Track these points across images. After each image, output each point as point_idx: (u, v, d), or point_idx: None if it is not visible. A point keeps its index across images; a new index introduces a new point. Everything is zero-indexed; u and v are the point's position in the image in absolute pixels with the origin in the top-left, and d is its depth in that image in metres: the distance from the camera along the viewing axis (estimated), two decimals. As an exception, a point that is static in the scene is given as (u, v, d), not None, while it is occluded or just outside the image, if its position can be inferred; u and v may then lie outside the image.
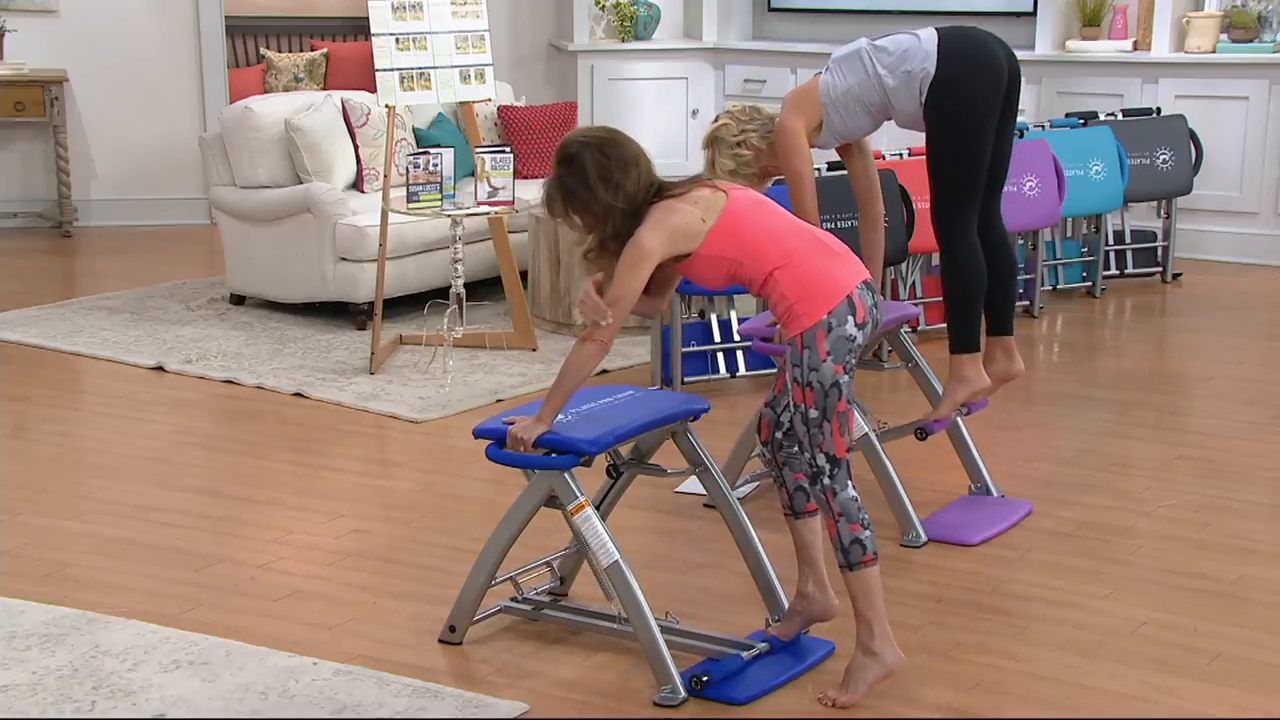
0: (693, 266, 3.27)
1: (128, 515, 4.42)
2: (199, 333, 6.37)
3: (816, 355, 3.19)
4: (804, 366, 3.21)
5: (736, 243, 3.24)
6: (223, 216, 6.83)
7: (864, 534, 3.25)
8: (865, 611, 3.28)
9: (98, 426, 5.29)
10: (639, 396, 3.65)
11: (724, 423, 5.07)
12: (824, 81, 4.14)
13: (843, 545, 3.25)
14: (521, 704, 3.27)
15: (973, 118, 4.03)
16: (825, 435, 3.23)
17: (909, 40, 4.08)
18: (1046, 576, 3.98)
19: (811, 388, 3.20)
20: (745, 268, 3.25)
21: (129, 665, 3.44)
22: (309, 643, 3.57)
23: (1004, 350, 4.19)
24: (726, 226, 3.24)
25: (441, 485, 4.71)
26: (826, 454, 3.23)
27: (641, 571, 3.46)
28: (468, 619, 3.57)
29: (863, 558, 3.25)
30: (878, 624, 3.28)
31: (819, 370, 3.20)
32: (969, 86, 4.03)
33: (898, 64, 4.07)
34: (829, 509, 3.25)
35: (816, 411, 3.21)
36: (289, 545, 4.21)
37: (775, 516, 4.33)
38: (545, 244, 6.30)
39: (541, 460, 3.37)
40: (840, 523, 3.25)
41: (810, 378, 3.20)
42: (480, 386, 5.64)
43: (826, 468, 3.24)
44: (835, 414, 3.22)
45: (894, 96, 4.08)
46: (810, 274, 3.22)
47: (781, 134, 4.11)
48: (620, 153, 3.24)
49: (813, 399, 3.21)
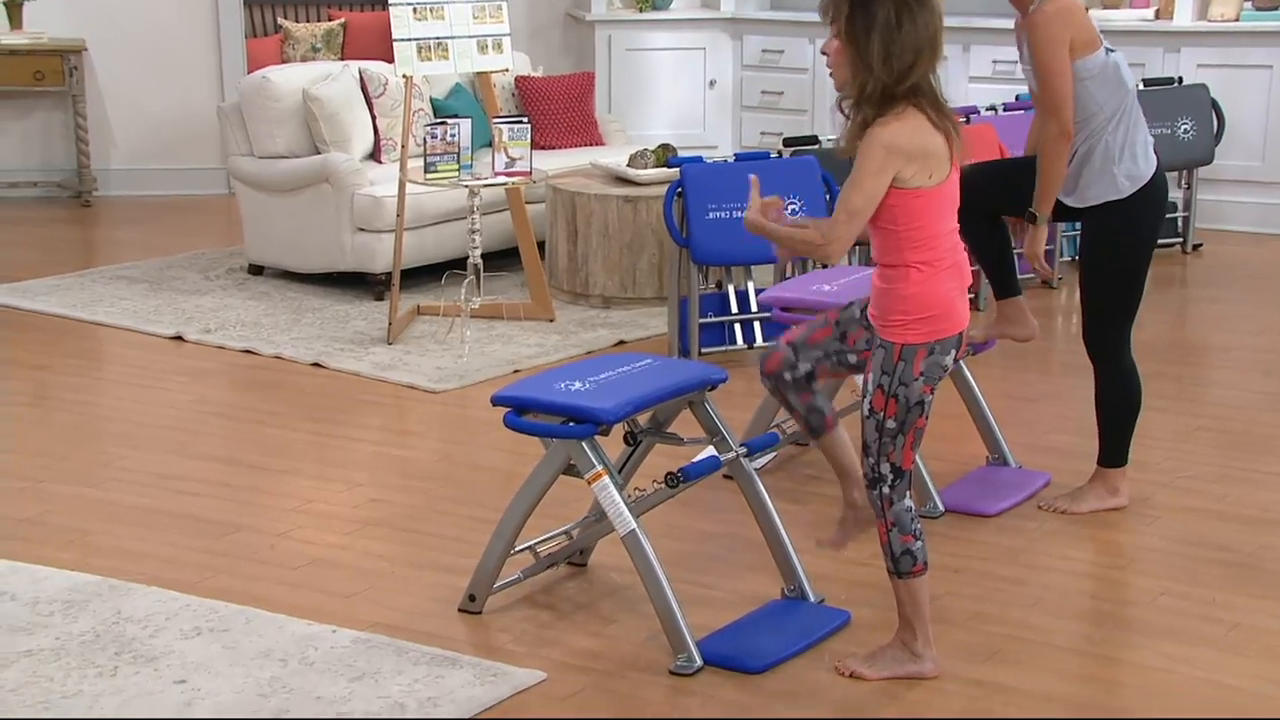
0: None
1: (148, 483, 4.45)
2: (217, 302, 6.39)
3: (910, 371, 3.14)
4: (894, 377, 3.14)
5: (917, 218, 3.06)
6: (241, 186, 6.84)
7: (915, 545, 3.23)
8: (911, 617, 3.27)
9: (118, 395, 5.32)
10: (657, 366, 3.65)
11: (741, 394, 5.07)
12: (1098, 61, 3.98)
13: (893, 554, 3.23)
14: (539, 673, 3.28)
15: (1147, 252, 4.04)
16: (897, 447, 3.18)
17: (1144, 139, 4.01)
18: (1064, 547, 3.98)
19: (896, 400, 3.15)
20: (896, 240, 3.09)
21: (150, 631, 3.47)
22: (328, 611, 3.60)
23: (1016, 310, 4.18)
24: (930, 197, 3.06)
25: (459, 455, 4.72)
26: (893, 464, 3.19)
27: (658, 541, 3.47)
28: (487, 588, 3.58)
29: (913, 568, 3.24)
30: (922, 630, 3.28)
31: (909, 386, 3.15)
32: (1152, 228, 4.04)
33: (1129, 138, 3.99)
34: (882, 516, 3.22)
35: (895, 423, 3.16)
36: (308, 514, 4.23)
37: (793, 487, 4.35)
38: (563, 215, 6.30)
39: (559, 429, 3.38)
40: (893, 532, 3.22)
41: (898, 390, 3.15)
42: (497, 357, 5.64)
43: (889, 476, 3.20)
44: (913, 428, 3.19)
45: (1096, 140, 3.95)
46: (941, 293, 3.12)
47: (1049, 23, 3.86)
48: (918, 26, 2.97)
49: (894, 410, 3.16)
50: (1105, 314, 4.05)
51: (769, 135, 8.40)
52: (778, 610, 3.57)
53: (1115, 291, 4.02)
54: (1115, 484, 4.19)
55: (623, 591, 3.70)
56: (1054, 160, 3.90)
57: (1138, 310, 4.08)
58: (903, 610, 3.28)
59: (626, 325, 6.03)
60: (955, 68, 7.91)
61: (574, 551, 3.78)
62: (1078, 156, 3.98)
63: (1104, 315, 4.05)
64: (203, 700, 3.17)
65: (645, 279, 6.24)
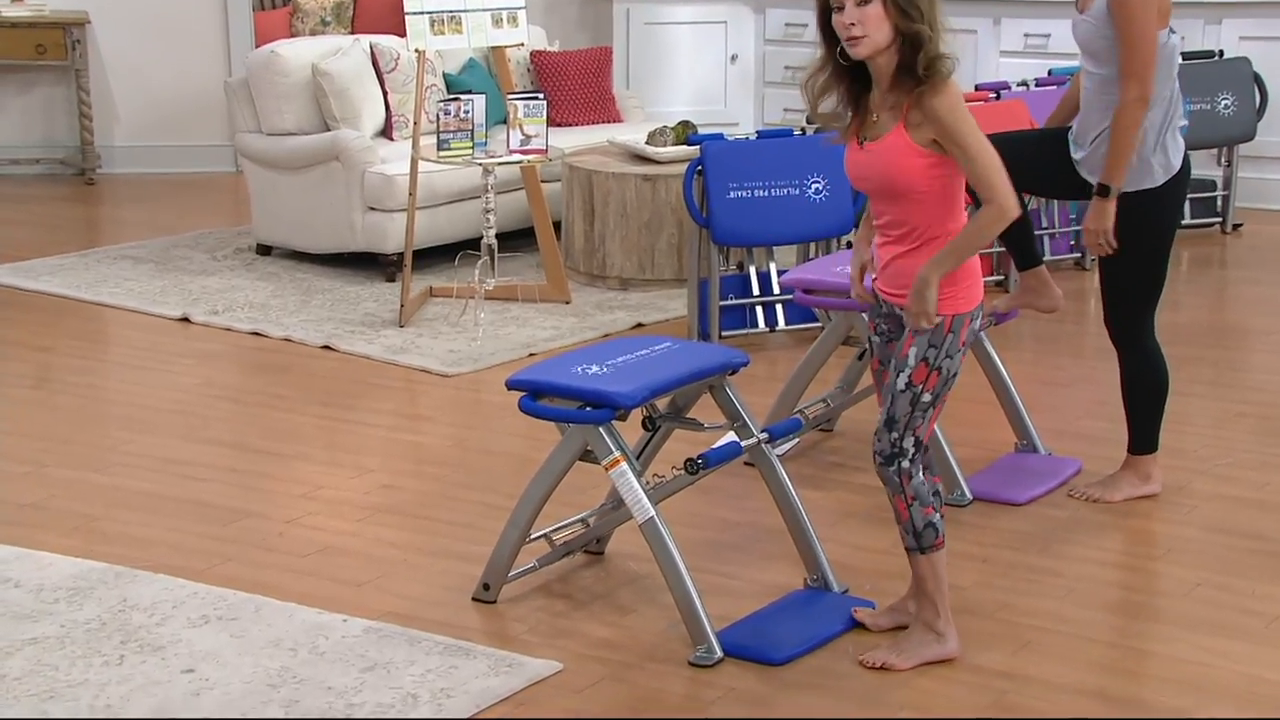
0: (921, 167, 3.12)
1: (154, 468, 4.47)
2: (225, 283, 6.42)
3: (957, 342, 3.18)
4: (942, 350, 3.17)
5: (958, 181, 3.13)
6: (248, 164, 6.86)
7: (935, 517, 3.26)
8: (933, 593, 3.29)
9: (123, 378, 5.34)
10: (676, 349, 3.66)
11: (763, 378, 5.07)
12: (1160, 38, 3.93)
13: (915, 529, 3.26)
14: (555, 663, 3.30)
15: (1172, 235, 4.03)
16: (925, 420, 3.22)
17: (1180, 127, 4.00)
18: (1097, 536, 3.97)
19: (939, 372, 3.19)
20: (939, 208, 3.13)
21: (157, 620, 3.49)
22: (338, 599, 3.62)
23: (1039, 280, 4.18)
24: None
25: (473, 440, 4.74)
26: (917, 438, 3.23)
27: (677, 529, 3.48)
28: (502, 576, 3.60)
29: (934, 540, 3.26)
30: (943, 606, 3.30)
31: (953, 359, 3.19)
32: (1178, 211, 4.03)
33: (1168, 125, 3.96)
34: (902, 492, 3.25)
35: (930, 396, 3.20)
36: (317, 500, 4.25)
37: (816, 474, 4.36)
38: (579, 194, 6.30)
39: (576, 414, 3.39)
40: (914, 506, 3.25)
41: (943, 363, 3.18)
42: (512, 340, 5.66)
43: (910, 450, 3.23)
44: (941, 401, 3.23)
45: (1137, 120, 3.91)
46: (974, 260, 3.19)
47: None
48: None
49: (934, 383, 3.19)
50: (1128, 299, 4.04)
51: (792, 112, 8.39)
52: (800, 600, 3.58)
53: (1139, 276, 4.01)
54: (1148, 470, 4.19)
55: (641, 581, 3.71)
56: (1130, 126, 3.85)
57: (1161, 293, 4.07)
58: (924, 587, 3.29)
59: (645, 308, 6.03)
60: (985, 42, 7.87)
61: (591, 539, 3.79)
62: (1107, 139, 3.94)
63: (1127, 300, 4.05)
64: (211, 690, 3.19)
65: (664, 260, 6.24)
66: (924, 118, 3.08)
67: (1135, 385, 4.12)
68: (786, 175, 5.56)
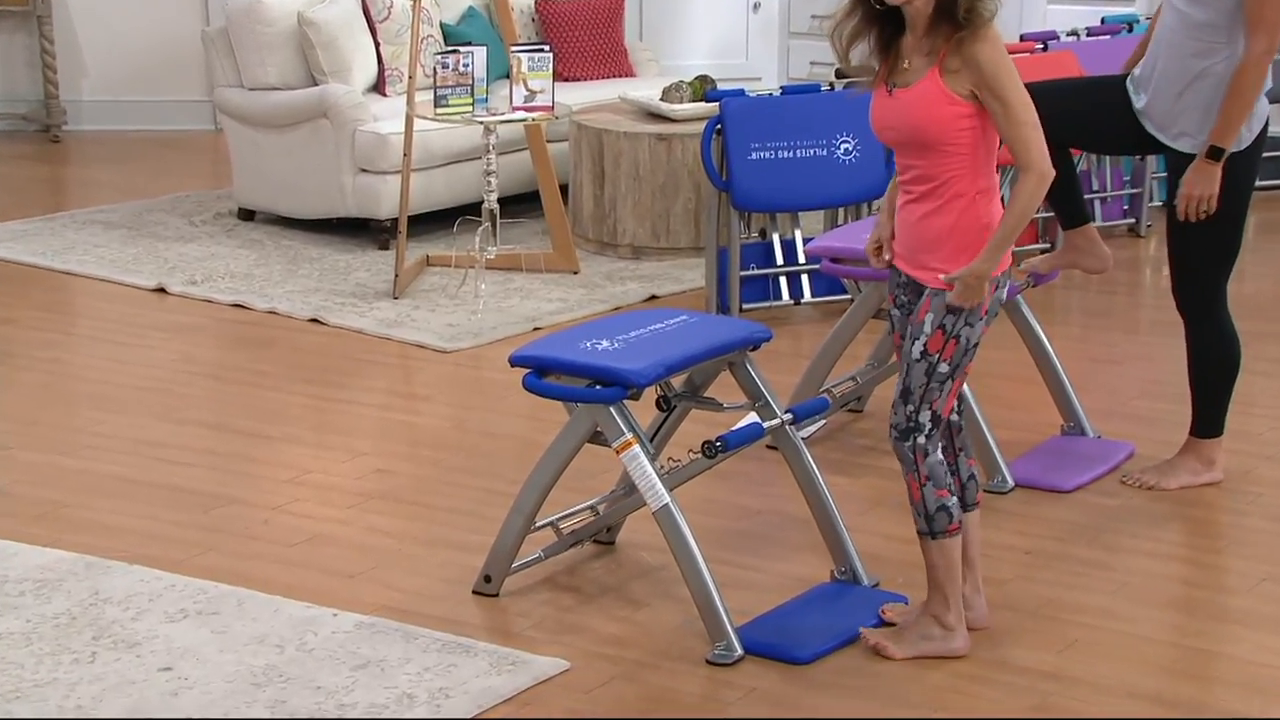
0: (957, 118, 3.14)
1: (128, 451, 4.50)
2: (204, 251, 6.44)
3: (977, 311, 3.20)
4: (960, 318, 3.20)
5: (990, 138, 3.15)
6: (229, 121, 6.87)
7: (950, 500, 3.28)
8: (944, 584, 3.31)
9: (93, 353, 5.37)
10: (693, 323, 3.67)
11: (787, 354, 5.09)
12: None
13: (927, 511, 3.28)
14: (562, 661, 3.32)
15: (1248, 198, 4.03)
16: (944, 393, 3.25)
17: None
18: (1151, 526, 3.99)
19: (956, 341, 3.21)
20: (965, 165, 3.15)
21: (132, 614, 3.52)
22: (328, 592, 3.64)
23: (1087, 239, 4.18)
24: None
25: (473, 421, 4.76)
26: (934, 412, 3.25)
27: (694, 517, 3.50)
28: (505, 568, 3.63)
29: (948, 526, 3.28)
30: (954, 598, 3.32)
31: (973, 327, 3.21)
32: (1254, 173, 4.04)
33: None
34: (915, 470, 3.27)
35: (948, 366, 3.22)
36: (305, 486, 4.28)
37: (844, 458, 4.38)
38: (588, 154, 6.32)
39: (584, 392, 3.41)
40: (926, 487, 3.27)
41: (961, 331, 3.21)
42: (515, 313, 5.68)
43: (926, 425, 3.25)
44: (962, 374, 3.25)
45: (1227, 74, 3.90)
46: (999, 222, 3.21)
47: None
48: None
49: (951, 353, 3.22)
50: (1200, 268, 4.04)
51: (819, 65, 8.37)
52: (827, 594, 3.60)
53: (1212, 243, 4.01)
54: (1210, 455, 4.19)
55: (655, 573, 3.74)
56: (1256, 84, 3.82)
57: (1235, 262, 4.07)
58: (935, 576, 3.31)
59: (659, 278, 6.05)
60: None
61: (600, 528, 3.82)
62: (1197, 91, 3.90)
63: (1198, 269, 4.04)
64: (190, 690, 3.22)
65: (680, 227, 6.25)
66: (963, 64, 3.09)
67: (1204, 361, 4.12)
68: (813, 134, 5.57)
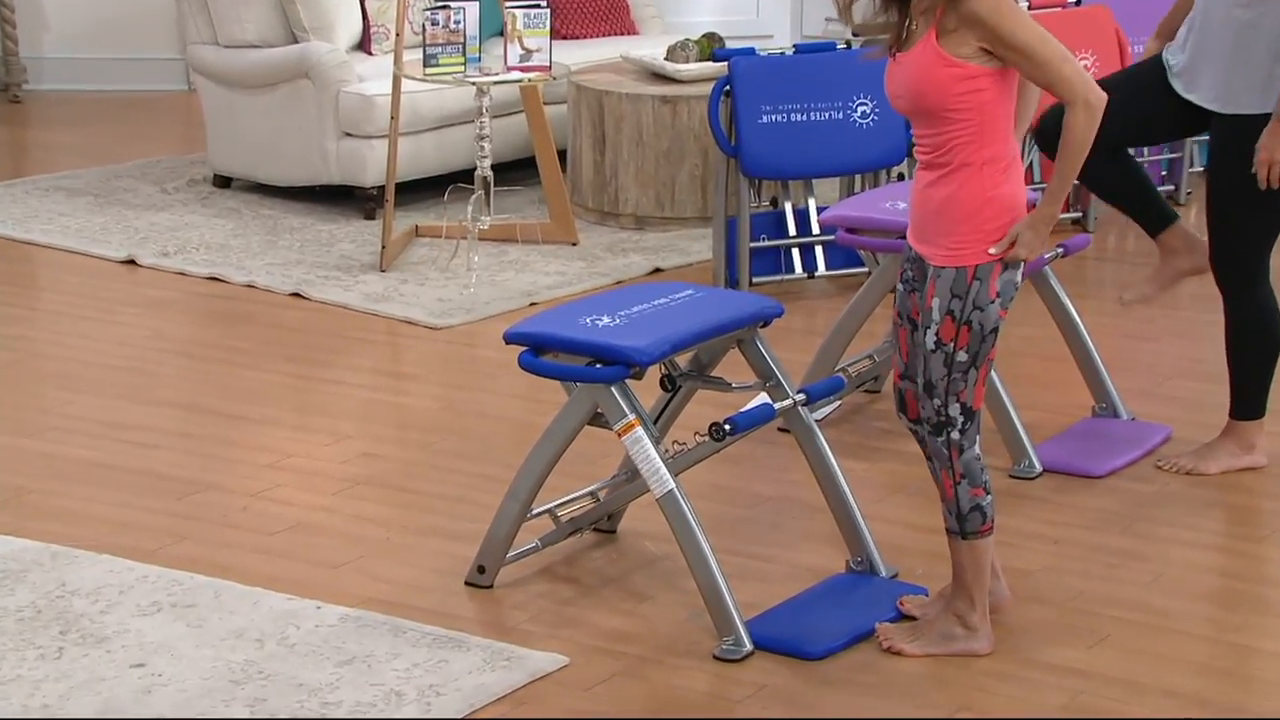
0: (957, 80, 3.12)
1: (96, 434, 4.51)
2: (177, 220, 6.44)
3: (986, 293, 3.19)
4: (967, 301, 3.19)
5: (1001, 103, 3.14)
6: (203, 81, 6.86)
7: (985, 500, 3.29)
8: (971, 585, 3.32)
9: (59, 330, 5.38)
10: (700, 297, 3.67)
11: (800, 331, 5.09)
12: None
13: (960, 511, 3.28)
14: (560, 657, 3.33)
15: None
16: (968, 383, 3.24)
17: None
18: (1189, 514, 3.99)
19: (969, 327, 3.20)
20: (971, 132, 3.13)
21: (101, 607, 3.53)
22: (311, 584, 3.65)
23: (1180, 239, 4.17)
24: (1010, 77, 3.13)
25: (465, 402, 4.77)
26: (963, 404, 3.25)
27: (701, 504, 3.50)
28: (499, 558, 3.63)
29: (981, 526, 3.29)
30: (980, 599, 3.33)
31: (985, 310, 3.20)
32: None
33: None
34: (950, 467, 3.28)
35: (966, 355, 3.22)
36: (287, 470, 4.28)
37: (860, 442, 4.38)
38: (587, 118, 6.31)
39: (584, 371, 3.41)
40: (961, 485, 3.28)
41: (972, 316, 3.20)
42: (510, 287, 5.68)
43: (958, 419, 3.25)
44: (986, 361, 3.24)
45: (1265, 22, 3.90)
46: (1015, 195, 3.19)
47: None
48: None
49: (966, 340, 3.21)
50: (1240, 237, 4.04)
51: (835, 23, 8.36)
52: (842, 586, 3.61)
53: (1254, 210, 4.01)
54: (1251, 439, 4.20)
55: (659, 563, 3.74)
56: None
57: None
58: (962, 577, 3.32)
59: (663, 250, 6.05)
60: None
61: (601, 516, 3.82)
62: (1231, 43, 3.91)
63: (1239, 239, 4.04)
64: (164, 687, 3.23)
65: (686, 195, 6.25)
66: (960, 22, 3.08)
67: (1243, 337, 4.12)
68: (828, 96, 5.56)
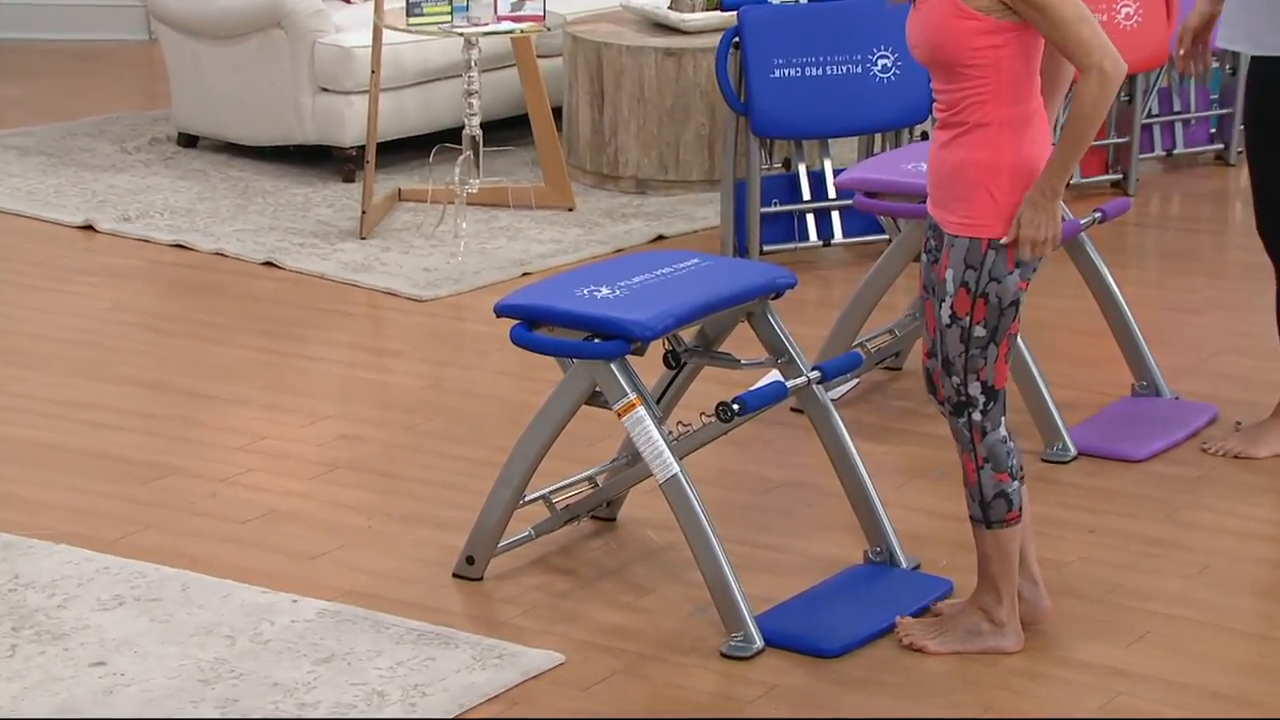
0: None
1: (51, 414, 4.51)
2: (138, 182, 6.44)
3: (1003, 263, 3.19)
4: (983, 273, 3.19)
5: (1027, 59, 3.14)
6: (166, 31, 6.85)
7: (1011, 486, 3.29)
8: (997, 577, 3.33)
9: (10, 301, 5.38)
10: (706, 267, 3.68)
11: (814, 303, 5.10)
12: None
13: (983, 497, 3.29)
14: (556, 654, 3.34)
15: None
16: (988, 360, 3.25)
17: None
18: (1236, 501, 4.00)
19: (985, 299, 3.21)
20: (989, 90, 3.13)
21: (58, 601, 3.53)
22: (286, 575, 3.66)
23: None
24: (1035, 32, 3.12)
25: (452, 380, 4.77)
26: (984, 382, 3.26)
27: (707, 490, 3.51)
28: (489, 548, 3.64)
29: (1006, 515, 3.30)
30: (1008, 592, 3.34)
31: (1002, 282, 3.20)
32: None
33: None
34: (972, 451, 3.29)
35: (984, 330, 3.22)
36: (259, 454, 4.29)
37: (880, 423, 4.39)
38: (585, 72, 6.30)
39: (581, 346, 3.41)
40: (984, 470, 3.28)
41: (988, 288, 3.20)
42: (501, 255, 5.68)
43: (980, 399, 3.26)
44: (1006, 336, 3.24)
45: None
46: (1033, 162, 3.18)
47: None
48: None
49: (983, 314, 3.21)
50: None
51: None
52: (859, 578, 3.62)
53: None
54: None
55: (661, 554, 3.75)
56: None
57: None
58: (987, 569, 3.33)
59: (667, 215, 6.05)
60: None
61: (600, 503, 3.83)
62: None
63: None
64: (127, 687, 3.24)
65: (691, 156, 6.25)
66: None
67: None
68: (846, 48, 5.55)
